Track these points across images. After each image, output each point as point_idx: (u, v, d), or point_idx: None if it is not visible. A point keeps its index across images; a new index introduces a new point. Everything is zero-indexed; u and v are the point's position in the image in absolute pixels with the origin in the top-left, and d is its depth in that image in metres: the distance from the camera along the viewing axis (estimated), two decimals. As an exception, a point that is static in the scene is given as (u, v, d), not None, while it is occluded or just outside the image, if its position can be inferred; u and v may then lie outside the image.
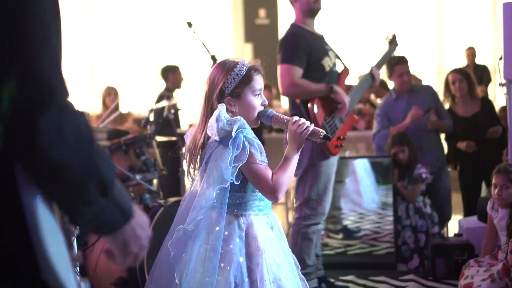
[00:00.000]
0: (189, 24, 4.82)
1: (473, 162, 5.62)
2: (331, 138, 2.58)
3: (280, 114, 2.66)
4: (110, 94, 7.14)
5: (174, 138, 5.98)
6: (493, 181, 4.18)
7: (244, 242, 2.54)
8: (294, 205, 4.64)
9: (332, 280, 4.83)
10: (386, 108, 5.91)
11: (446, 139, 5.88)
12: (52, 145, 1.25)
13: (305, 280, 2.77)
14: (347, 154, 6.83)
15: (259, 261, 2.51)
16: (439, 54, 11.49)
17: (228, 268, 2.47)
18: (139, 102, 9.84)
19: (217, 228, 2.51)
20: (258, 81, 2.65)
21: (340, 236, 5.70)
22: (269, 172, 2.53)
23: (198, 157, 2.65)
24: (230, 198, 2.56)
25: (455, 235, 5.00)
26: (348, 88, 4.61)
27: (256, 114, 2.65)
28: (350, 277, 5.06)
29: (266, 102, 2.69)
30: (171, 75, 7.46)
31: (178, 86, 7.50)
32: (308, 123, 2.57)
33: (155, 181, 5.16)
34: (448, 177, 5.82)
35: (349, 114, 4.51)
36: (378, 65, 4.85)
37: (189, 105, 7.56)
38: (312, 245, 4.48)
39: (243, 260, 2.50)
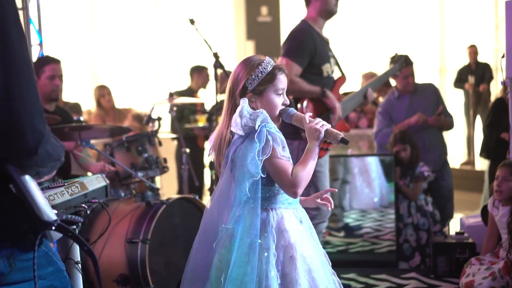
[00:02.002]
0: (192, 21, 4.83)
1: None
2: (348, 142, 2.57)
3: (300, 113, 2.67)
4: (104, 95, 7.12)
5: (175, 135, 5.99)
6: (496, 174, 4.18)
7: (276, 236, 2.56)
8: None
9: (333, 277, 4.82)
10: (388, 106, 5.91)
11: (486, 127, 5.73)
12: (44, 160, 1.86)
13: (336, 275, 2.78)
14: (349, 152, 6.84)
15: (293, 254, 2.53)
16: (441, 52, 11.49)
17: (256, 260, 2.50)
18: (140, 100, 9.85)
19: (253, 224, 2.54)
20: (282, 81, 2.68)
21: (342, 234, 5.70)
22: (289, 167, 2.56)
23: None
24: (262, 192, 2.58)
25: (457, 233, 5.00)
26: (342, 97, 4.61)
27: (277, 112, 2.67)
28: (351, 275, 5.06)
29: (288, 102, 2.71)
30: (196, 75, 7.45)
31: (203, 86, 7.50)
32: (324, 122, 2.59)
33: (157, 178, 5.17)
34: (450, 175, 5.82)
35: (340, 121, 4.50)
36: (377, 82, 4.84)
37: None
38: None
39: (268, 254, 2.51)
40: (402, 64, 5.13)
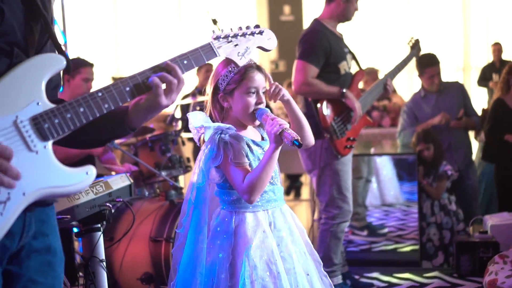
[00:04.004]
0: (214, 21, 4.85)
1: None
2: (301, 146, 2.36)
3: (269, 115, 2.50)
4: None
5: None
6: None
7: (232, 240, 2.52)
8: (318, 205, 4.65)
9: (356, 276, 4.84)
10: (413, 105, 5.86)
11: (488, 130, 5.70)
12: None
13: (328, 276, 2.70)
14: (372, 151, 6.83)
15: (243, 259, 2.47)
16: (464, 49, 11.41)
17: (210, 261, 2.51)
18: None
19: (199, 228, 2.56)
20: (253, 80, 2.56)
21: (365, 233, 5.70)
22: (242, 173, 2.46)
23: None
24: (226, 196, 2.58)
25: (480, 232, 4.98)
26: (361, 91, 4.59)
27: (249, 112, 2.57)
28: (374, 274, 5.06)
29: (262, 100, 2.58)
30: (204, 73, 7.51)
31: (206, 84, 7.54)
32: (282, 122, 2.40)
33: (180, 177, 5.20)
34: (475, 174, 5.78)
35: (361, 117, 4.48)
36: (395, 71, 4.81)
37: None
38: (340, 244, 4.47)
39: (223, 255, 2.50)
40: (419, 49, 5.07)
